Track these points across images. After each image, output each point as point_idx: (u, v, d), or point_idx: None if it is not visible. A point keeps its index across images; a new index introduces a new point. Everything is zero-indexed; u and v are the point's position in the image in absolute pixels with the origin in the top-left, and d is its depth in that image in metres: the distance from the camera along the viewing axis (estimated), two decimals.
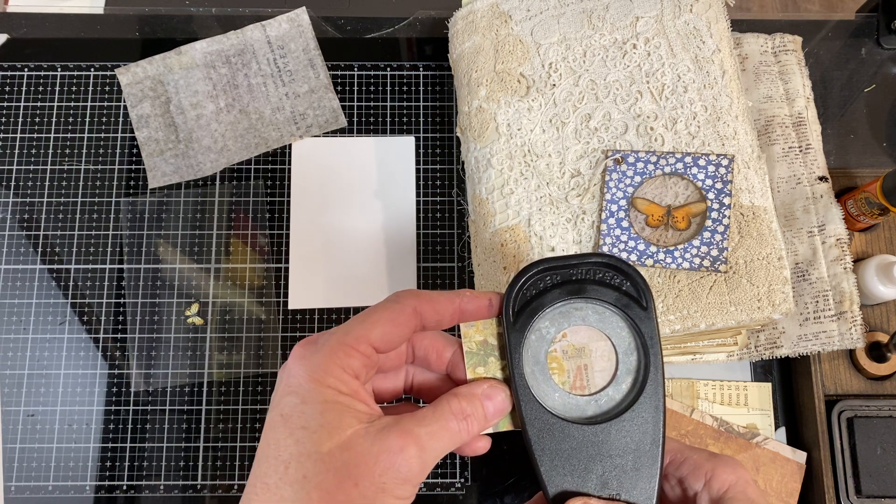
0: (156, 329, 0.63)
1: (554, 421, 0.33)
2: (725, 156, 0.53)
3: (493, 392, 0.32)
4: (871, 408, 0.56)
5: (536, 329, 0.34)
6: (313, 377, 0.29)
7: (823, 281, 0.57)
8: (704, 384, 0.61)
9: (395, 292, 0.33)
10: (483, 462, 0.60)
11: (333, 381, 0.29)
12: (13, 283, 0.63)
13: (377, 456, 0.28)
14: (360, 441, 0.28)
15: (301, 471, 0.28)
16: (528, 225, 0.55)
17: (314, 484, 0.28)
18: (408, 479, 0.28)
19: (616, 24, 0.58)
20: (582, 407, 0.34)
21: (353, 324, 0.31)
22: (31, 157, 0.66)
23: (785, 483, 0.57)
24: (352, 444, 0.28)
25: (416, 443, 0.29)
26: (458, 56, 0.61)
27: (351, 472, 0.28)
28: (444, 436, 0.30)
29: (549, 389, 0.34)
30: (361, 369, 0.30)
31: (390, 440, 0.28)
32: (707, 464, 0.33)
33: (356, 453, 0.28)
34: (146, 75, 0.68)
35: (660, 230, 0.53)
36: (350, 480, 0.28)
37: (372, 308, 0.32)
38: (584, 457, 0.32)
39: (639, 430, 0.33)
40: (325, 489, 0.28)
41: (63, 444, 0.60)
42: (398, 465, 0.28)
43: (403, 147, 0.67)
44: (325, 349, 0.30)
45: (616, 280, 0.34)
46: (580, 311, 0.35)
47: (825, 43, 0.70)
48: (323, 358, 0.30)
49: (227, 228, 0.65)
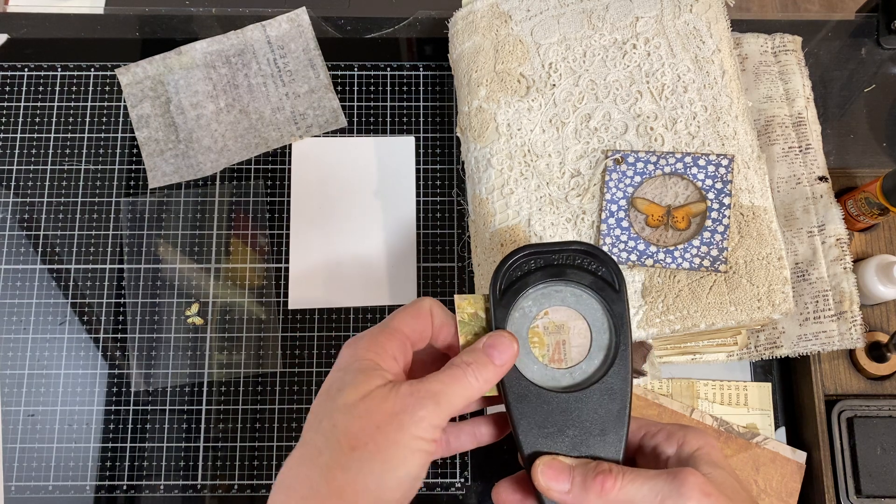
0: (156, 329, 0.63)
1: (532, 389, 0.36)
2: (725, 156, 0.53)
3: (495, 339, 0.36)
4: (871, 408, 0.56)
5: (520, 307, 0.38)
6: (355, 355, 0.34)
7: (823, 281, 0.57)
8: (704, 384, 0.61)
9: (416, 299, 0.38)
10: (483, 462, 0.60)
11: (372, 356, 0.34)
12: (13, 283, 0.63)
13: (393, 401, 0.32)
14: (381, 392, 0.33)
15: (331, 421, 0.33)
16: (528, 225, 0.55)
17: (341, 430, 0.32)
18: (423, 418, 0.32)
19: (616, 24, 0.58)
20: (558, 378, 0.37)
21: (387, 320, 0.36)
22: (31, 157, 0.66)
23: (785, 483, 0.57)
24: (373, 396, 0.33)
25: (426, 389, 0.33)
26: (458, 56, 0.61)
27: (373, 417, 0.32)
28: (453, 382, 0.34)
29: (529, 361, 0.37)
30: (398, 351, 0.35)
31: (403, 388, 0.33)
32: (679, 432, 0.37)
33: (377, 402, 0.32)
34: (146, 75, 0.68)
35: (660, 230, 0.53)
36: (372, 423, 0.32)
37: (399, 308, 0.37)
38: (557, 421, 0.36)
39: (608, 399, 0.36)
40: (352, 433, 0.32)
41: (63, 444, 0.60)
42: (412, 406, 0.32)
43: (403, 147, 0.67)
44: (367, 336, 0.35)
45: (592, 266, 0.38)
46: (560, 292, 0.38)
47: (825, 43, 0.70)
48: (365, 341, 0.35)
49: (227, 228, 0.65)
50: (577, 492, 0.34)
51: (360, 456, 0.31)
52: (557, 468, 0.34)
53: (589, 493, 0.33)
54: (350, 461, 0.31)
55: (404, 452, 0.32)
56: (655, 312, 0.51)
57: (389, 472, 0.31)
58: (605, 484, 0.33)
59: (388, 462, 0.31)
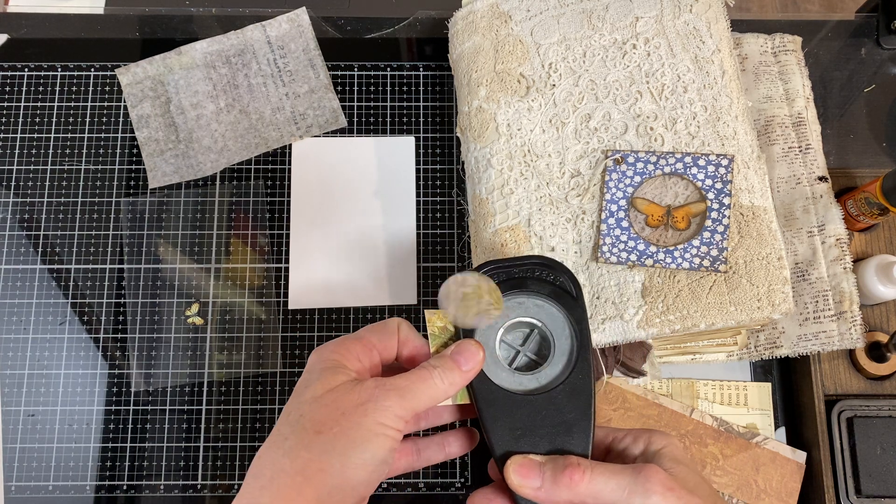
0: (156, 329, 0.63)
1: (501, 393, 0.38)
2: (725, 156, 0.53)
3: (462, 346, 0.38)
4: (870, 408, 0.56)
5: None
6: (321, 357, 0.37)
7: (823, 281, 0.57)
8: (704, 384, 0.61)
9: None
10: (483, 463, 0.60)
11: (337, 357, 0.36)
12: (13, 283, 0.63)
13: (358, 392, 0.35)
14: (346, 385, 0.35)
15: (298, 412, 0.35)
16: (528, 225, 0.55)
17: (308, 419, 0.34)
18: (387, 408, 0.34)
19: (616, 24, 0.58)
20: (525, 383, 0.39)
21: (358, 331, 0.39)
22: (31, 157, 0.66)
23: (785, 483, 0.57)
24: (339, 389, 0.35)
25: (391, 383, 0.35)
26: (458, 56, 0.61)
27: (339, 406, 0.34)
28: (418, 381, 0.36)
29: (496, 368, 0.39)
30: (363, 354, 0.37)
31: (369, 382, 0.35)
32: (645, 434, 0.39)
33: (342, 394, 0.35)
34: (146, 75, 0.68)
35: (660, 230, 0.53)
36: (338, 411, 0.34)
37: (369, 325, 0.40)
38: (526, 423, 0.38)
39: (573, 398, 0.38)
40: (318, 420, 0.34)
41: (63, 444, 0.60)
42: (377, 396, 0.34)
43: (403, 147, 0.67)
44: (333, 341, 0.38)
45: (551, 276, 0.41)
46: (522, 303, 0.41)
47: (825, 43, 0.70)
48: (332, 345, 0.37)
49: (227, 228, 0.65)
50: (548, 486, 0.35)
51: (325, 438, 0.33)
52: (528, 466, 0.36)
53: (559, 487, 0.35)
54: (314, 442, 0.33)
55: (368, 435, 0.33)
56: (655, 312, 0.51)
57: (353, 452, 0.33)
58: (573, 476, 0.34)
59: (352, 443, 0.33)
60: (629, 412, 0.59)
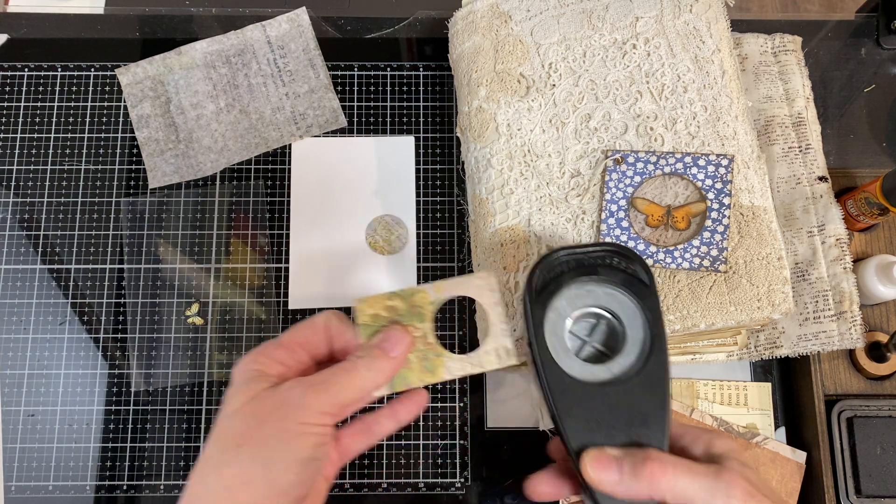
0: (156, 329, 0.63)
1: (575, 384, 0.37)
2: (725, 156, 0.53)
3: (388, 333, 0.38)
4: (870, 408, 0.56)
5: (555, 307, 0.39)
6: (241, 369, 0.37)
7: (823, 281, 0.57)
8: (704, 384, 0.61)
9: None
10: (483, 462, 0.60)
11: (257, 366, 0.36)
12: (13, 283, 0.63)
13: (277, 396, 0.35)
14: (264, 393, 0.35)
15: (220, 428, 0.35)
16: (528, 225, 0.55)
17: (229, 433, 0.34)
18: (307, 405, 0.34)
19: (616, 24, 0.58)
20: (597, 374, 0.38)
21: (285, 332, 0.39)
22: (31, 157, 0.66)
23: (785, 483, 0.57)
24: (258, 398, 0.35)
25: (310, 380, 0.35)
26: (458, 56, 0.61)
27: (257, 416, 0.34)
28: (341, 373, 0.36)
29: (568, 359, 0.38)
30: (286, 359, 0.37)
31: (285, 385, 0.35)
32: (704, 434, 0.38)
33: (260, 402, 0.35)
34: (146, 75, 0.68)
35: (660, 230, 0.53)
36: (257, 420, 0.34)
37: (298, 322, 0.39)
38: (600, 415, 0.36)
39: (648, 390, 0.37)
40: (238, 433, 0.34)
41: (63, 444, 0.60)
42: (295, 396, 0.34)
43: (403, 147, 0.67)
44: (254, 350, 0.37)
45: (622, 264, 0.39)
46: (592, 292, 0.39)
47: (825, 43, 0.70)
48: (252, 355, 0.37)
49: (227, 228, 0.65)
50: (627, 481, 0.34)
51: (246, 450, 0.33)
52: (606, 460, 0.35)
53: (639, 481, 0.34)
54: (235, 457, 0.33)
55: (288, 437, 0.34)
56: None
57: (276, 458, 0.33)
58: (654, 471, 0.34)
59: (273, 450, 0.33)
60: None
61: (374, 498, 0.60)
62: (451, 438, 0.61)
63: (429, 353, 0.39)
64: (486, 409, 0.62)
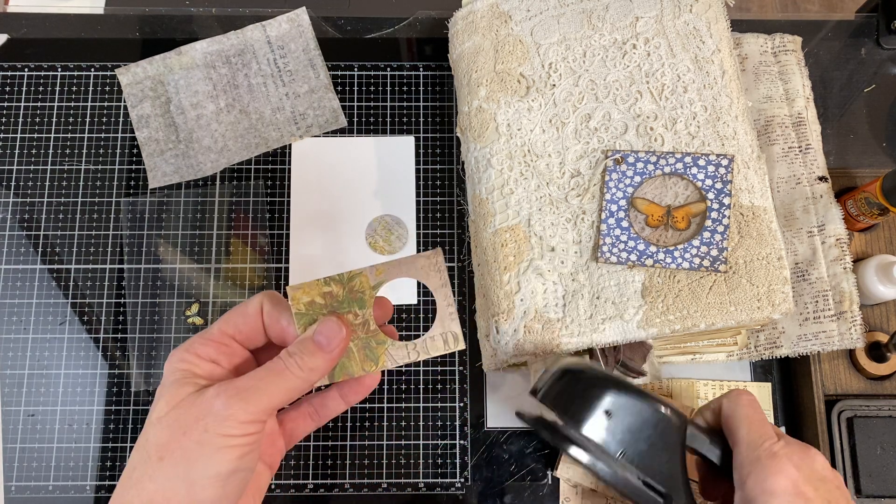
0: (156, 329, 0.63)
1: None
2: (725, 156, 0.53)
3: (323, 325, 0.35)
4: (871, 408, 0.56)
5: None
6: (170, 367, 0.35)
7: (823, 281, 0.57)
8: (704, 384, 0.61)
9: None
10: (483, 462, 0.60)
11: (185, 365, 0.35)
12: (13, 283, 0.63)
13: (199, 405, 0.33)
14: (188, 399, 0.33)
15: (145, 437, 0.34)
16: (528, 225, 0.55)
17: (153, 443, 0.33)
18: (228, 416, 0.32)
19: (616, 24, 0.58)
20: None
21: (213, 323, 0.37)
22: (31, 157, 0.66)
23: None
24: (182, 405, 0.33)
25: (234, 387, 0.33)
26: (458, 56, 0.61)
27: (181, 424, 0.33)
28: (268, 376, 0.34)
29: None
30: (217, 355, 0.35)
31: (209, 391, 0.33)
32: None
33: (185, 409, 0.33)
34: (146, 75, 0.68)
35: (660, 230, 0.53)
36: (180, 430, 0.33)
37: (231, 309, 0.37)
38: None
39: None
40: (160, 443, 0.33)
41: (63, 444, 0.60)
42: (213, 408, 0.33)
43: (403, 147, 0.67)
44: (184, 345, 0.36)
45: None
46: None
47: (825, 43, 0.70)
48: (181, 351, 0.35)
49: (227, 228, 0.65)
50: None
51: (167, 464, 0.32)
52: None
53: None
54: (157, 471, 0.32)
55: (209, 451, 0.32)
56: (655, 312, 0.51)
57: (196, 474, 0.32)
58: None
59: (193, 464, 0.32)
60: None
61: (374, 498, 0.60)
62: (451, 438, 0.61)
63: (370, 340, 0.37)
64: (486, 409, 0.62)
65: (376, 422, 0.61)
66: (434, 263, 0.38)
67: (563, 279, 0.53)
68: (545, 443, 0.61)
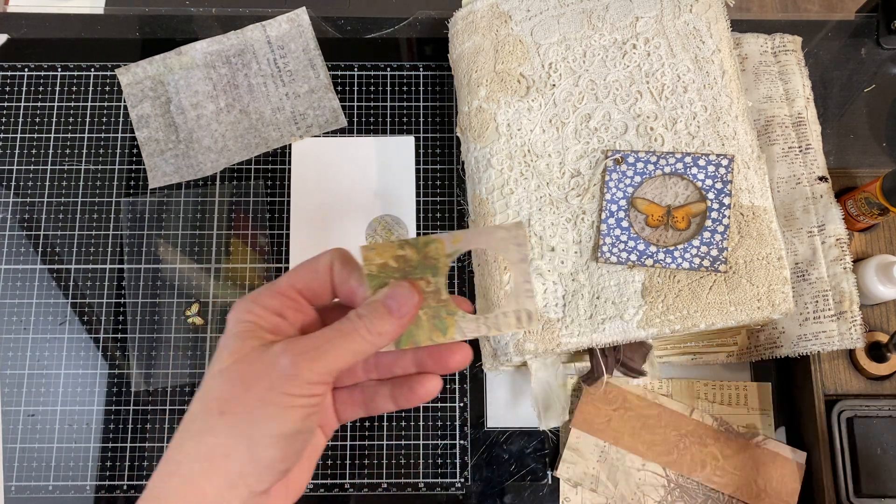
0: (156, 329, 0.63)
1: None
2: (725, 156, 0.53)
3: (395, 289, 0.33)
4: (871, 408, 0.56)
5: None
6: (235, 317, 0.34)
7: (823, 281, 0.57)
8: (704, 384, 0.61)
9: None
10: (483, 462, 0.60)
11: (252, 317, 0.33)
12: (13, 283, 0.63)
13: (264, 361, 0.32)
14: (254, 354, 0.32)
15: (204, 389, 0.33)
16: (528, 225, 0.55)
17: (213, 395, 0.32)
18: (295, 375, 0.31)
19: (616, 24, 0.58)
20: None
21: (282, 275, 0.35)
22: (31, 157, 0.66)
23: (785, 483, 0.57)
24: (246, 359, 0.32)
25: (302, 345, 0.32)
26: (458, 56, 0.61)
27: (244, 379, 0.32)
28: (337, 337, 0.32)
29: None
30: (284, 309, 0.34)
31: (275, 347, 0.32)
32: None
33: (249, 364, 0.32)
34: (146, 75, 0.68)
35: (660, 230, 0.53)
36: (242, 386, 0.31)
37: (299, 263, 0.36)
38: None
39: None
40: (222, 397, 0.32)
41: (63, 444, 0.60)
42: (283, 364, 0.31)
43: (403, 147, 0.67)
44: (250, 296, 0.34)
45: None
46: None
47: (825, 43, 0.70)
48: (247, 302, 0.34)
49: (227, 228, 0.65)
50: None
51: (228, 420, 0.31)
52: None
53: None
54: (218, 425, 0.31)
55: (274, 410, 0.31)
56: (655, 312, 0.51)
57: (258, 432, 0.31)
58: None
59: (255, 423, 0.31)
60: (629, 412, 0.59)
61: (374, 498, 0.60)
62: (451, 438, 0.61)
63: (441, 310, 0.35)
64: (486, 409, 0.62)
65: (376, 422, 0.61)
66: (514, 237, 0.35)
67: (563, 279, 0.53)
68: (545, 443, 0.61)
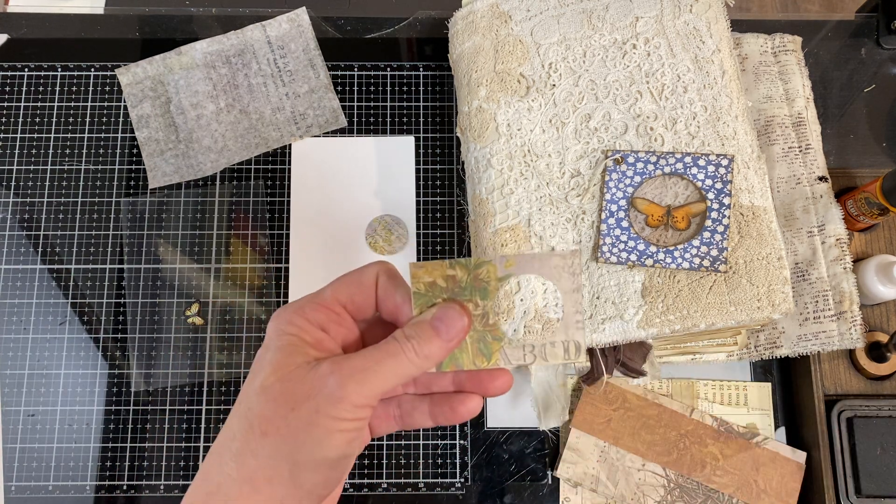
0: (156, 329, 0.63)
1: None
2: (725, 156, 0.53)
3: (444, 311, 0.32)
4: (870, 408, 0.56)
5: None
6: (278, 328, 0.32)
7: (823, 281, 0.57)
8: (704, 384, 0.61)
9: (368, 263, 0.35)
10: (483, 462, 0.60)
11: (295, 329, 0.32)
12: (13, 283, 0.63)
13: (310, 381, 0.30)
14: (299, 372, 0.31)
15: (246, 404, 0.31)
16: (528, 225, 0.55)
17: (255, 413, 0.30)
18: (341, 398, 0.30)
19: (616, 24, 0.58)
20: None
21: (325, 287, 0.34)
22: (31, 157, 0.66)
23: (785, 483, 0.57)
24: (291, 377, 0.31)
25: (349, 367, 0.30)
26: (458, 56, 0.61)
27: (288, 399, 0.30)
28: (385, 359, 0.31)
29: None
30: (328, 322, 0.33)
31: (322, 367, 0.30)
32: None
33: (294, 383, 0.30)
34: (146, 75, 0.68)
35: (660, 230, 0.53)
36: (287, 406, 0.30)
37: (343, 274, 0.34)
38: None
39: None
40: (265, 416, 0.30)
41: (63, 444, 0.60)
42: (330, 387, 0.30)
43: (403, 147, 0.67)
44: (293, 306, 0.33)
45: None
46: None
47: (825, 43, 0.70)
48: (289, 313, 0.32)
49: (227, 228, 0.65)
50: None
51: (272, 441, 0.30)
52: None
53: None
54: (261, 447, 0.30)
55: (320, 434, 0.30)
56: (655, 312, 0.51)
57: (304, 457, 0.30)
58: None
59: (301, 446, 0.30)
60: (629, 412, 0.59)
61: (375, 498, 0.60)
62: (451, 438, 0.61)
63: (486, 334, 0.34)
64: (486, 409, 0.62)
65: None
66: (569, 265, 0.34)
67: None
68: (545, 443, 0.61)
